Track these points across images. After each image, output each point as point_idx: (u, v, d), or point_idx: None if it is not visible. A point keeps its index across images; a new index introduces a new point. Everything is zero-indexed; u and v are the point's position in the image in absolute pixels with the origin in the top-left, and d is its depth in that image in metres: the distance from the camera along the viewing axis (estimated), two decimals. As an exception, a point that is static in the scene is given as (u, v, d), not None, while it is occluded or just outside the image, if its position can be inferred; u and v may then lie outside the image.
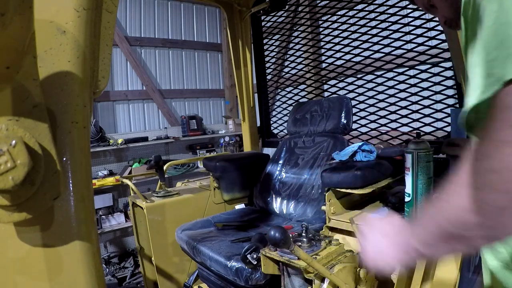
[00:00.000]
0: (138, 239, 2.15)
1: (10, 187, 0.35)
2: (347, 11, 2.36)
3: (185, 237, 1.73)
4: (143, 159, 4.18)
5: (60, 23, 0.47)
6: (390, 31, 2.15)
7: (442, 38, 1.83)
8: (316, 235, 1.15)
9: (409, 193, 1.11)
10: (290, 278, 1.11)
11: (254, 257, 1.28)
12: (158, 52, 4.60)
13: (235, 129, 4.88)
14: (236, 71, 2.63)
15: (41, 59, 0.44)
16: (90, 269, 0.47)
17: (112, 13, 0.59)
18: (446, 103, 1.95)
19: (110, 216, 3.82)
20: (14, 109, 0.39)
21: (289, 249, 0.94)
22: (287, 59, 3.04)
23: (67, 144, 0.46)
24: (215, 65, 5.21)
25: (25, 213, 0.40)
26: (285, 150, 2.14)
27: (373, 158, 1.49)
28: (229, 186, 2.20)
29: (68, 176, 0.45)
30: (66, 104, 0.46)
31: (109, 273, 3.67)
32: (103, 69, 0.58)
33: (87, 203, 0.47)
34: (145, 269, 2.18)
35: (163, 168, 2.22)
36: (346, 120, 1.89)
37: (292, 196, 1.94)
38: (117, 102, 4.30)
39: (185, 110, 4.89)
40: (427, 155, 1.08)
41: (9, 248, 0.44)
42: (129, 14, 4.33)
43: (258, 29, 2.75)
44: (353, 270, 1.06)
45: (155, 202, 1.97)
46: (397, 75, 2.16)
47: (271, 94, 3.10)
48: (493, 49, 0.39)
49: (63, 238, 0.45)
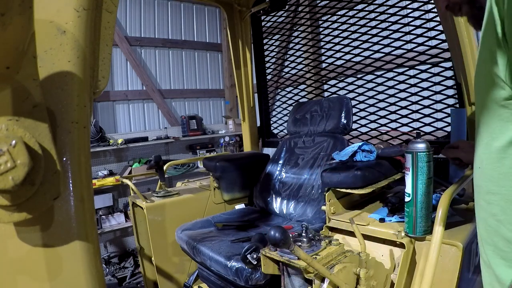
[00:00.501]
0: (138, 239, 2.15)
1: (10, 187, 0.35)
2: (347, 11, 2.36)
3: (185, 237, 1.73)
4: (143, 159, 4.18)
5: (60, 23, 0.47)
6: (390, 31, 2.15)
7: (442, 38, 1.83)
8: (316, 235, 1.15)
9: (409, 193, 1.11)
10: (290, 278, 1.11)
11: (254, 257, 1.28)
12: (158, 52, 4.60)
13: (235, 129, 4.88)
14: (236, 71, 2.64)
15: (41, 59, 0.44)
16: (90, 269, 0.47)
17: (112, 13, 0.59)
18: (446, 103, 1.95)
19: (110, 216, 3.82)
20: (14, 109, 0.39)
21: (289, 249, 0.94)
22: (287, 59, 3.04)
23: (67, 144, 0.46)
24: (215, 65, 5.21)
25: (25, 213, 0.40)
26: (285, 150, 2.14)
27: (373, 158, 1.49)
28: (229, 186, 2.20)
29: (68, 176, 0.45)
30: (66, 104, 0.46)
31: (109, 273, 3.67)
32: (103, 69, 0.58)
33: (87, 203, 0.47)
34: (145, 269, 2.18)
35: (163, 168, 2.22)
36: (346, 120, 1.89)
37: (292, 196, 1.94)
38: (117, 102, 4.30)
39: (185, 110, 4.89)
40: (427, 155, 1.08)
41: (9, 248, 0.44)
42: (129, 14, 4.33)
43: (258, 29, 2.75)
44: (353, 270, 1.06)
45: (155, 202, 1.97)
46: (397, 75, 2.16)
47: (271, 94, 3.10)
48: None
49: (63, 238, 0.45)
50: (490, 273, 0.57)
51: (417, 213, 1.10)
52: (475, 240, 1.15)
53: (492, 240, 0.56)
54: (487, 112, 0.54)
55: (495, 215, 0.54)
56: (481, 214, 0.59)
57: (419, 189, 1.09)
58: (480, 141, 0.59)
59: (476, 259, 1.19)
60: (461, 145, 1.31)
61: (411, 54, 2.08)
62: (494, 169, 0.54)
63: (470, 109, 1.65)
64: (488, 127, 0.55)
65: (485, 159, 0.56)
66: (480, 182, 0.59)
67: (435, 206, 1.06)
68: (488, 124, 0.55)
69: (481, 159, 0.58)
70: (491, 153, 0.54)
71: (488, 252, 0.57)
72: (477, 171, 0.60)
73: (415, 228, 1.11)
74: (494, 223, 0.55)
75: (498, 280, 0.54)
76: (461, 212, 1.32)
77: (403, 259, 1.09)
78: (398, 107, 2.18)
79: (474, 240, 1.15)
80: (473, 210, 1.30)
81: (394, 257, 1.19)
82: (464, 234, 1.12)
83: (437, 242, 0.94)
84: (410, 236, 1.13)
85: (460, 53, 1.58)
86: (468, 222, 1.21)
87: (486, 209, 0.57)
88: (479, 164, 0.59)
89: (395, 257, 1.19)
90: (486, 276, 0.59)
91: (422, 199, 1.09)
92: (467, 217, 1.25)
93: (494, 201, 0.54)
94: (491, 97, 0.52)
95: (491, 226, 0.56)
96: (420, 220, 1.10)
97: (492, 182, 0.55)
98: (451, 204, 1.03)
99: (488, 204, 0.56)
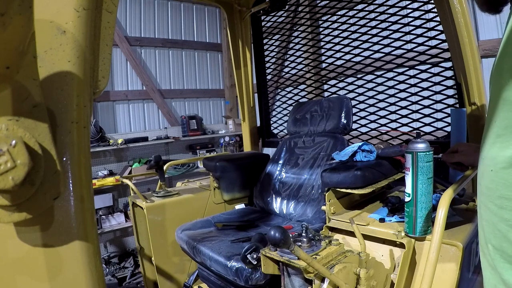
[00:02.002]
0: (138, 239, 2.15)
1: (10, 187, 0.35)
2: (347, 11, 2.35)
3: (185, 237, 1.73)
4: (143, 159, 4.18)
5: (60, 23, 0.47)
6: (390, 31, 2.15)
7: (442, 38, 1.83)
8: (316, 235, 1.15)
9: (409, 193, 1.11)
10: (290, 278, 1.11)
11: (254, 257, 1.28)
12: (158, 52, 4.60)
13: (235, 129, 4.88)
14: (236, 71, 2.64)
15: (41, 59, 0.44)
16: (90, 269, 0.47)
17: (112, 13, 0.59)
18: (446, 103, 1.95)
19: (110, 216, 3.82)
20: (14, 109, 0.39)
21: (289, 249, 0.94)
22: (287, 59, 3.04)
23: (67, 144, 0.46)
24: (215, 65, 5.21)
25: (25, 213, 0.40)
26: (285, 150, 2.14)
27: (373, 158, 1.49)
28: (229, 186, 2.20)
29: (68, 176, 0.45)
30: (66, 104, 0.46)
31: (109, 273, 3.67)
32: (103, 69, 0.58)
33: (87, 203, 0.47)
34: (145, 269, 2.18)
35: (163, 168, 2.22)
36: (346, 120, 1.89)
37: (292, 196, 1.94)
38: (117, 102, 4.30)
39: (185, 110, 4.89)
40: (427, 155, 1.08)
41: (9, 248, 0.44)
42: (129, 14, 4.33)
43: (258, 29, 2.75)
44: (353, 270, 1.06)
45: (155, 202, 1.97)
46: (397, 75, 2.16)
47: (271, 94, 3.10)
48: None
49: (63, 238, 0.45)
50: (495, 275, 0.56)
51: (417, 213, 1.10)
52: (475, 240, 1.15)
53: (500, 246, 0.54)
54: (509, 110, 0.51)
55: (507, 221, 0.53)
56: (489, 217, 0.57)
57: (419, 189, 1.09)
58: (494, 142, 0.55)
59: (476, 259, 1.19)
60: (460, 149, 1.30)
61: (411, 54, 2.08)
62: (510, 173, 0.52)
63: (470, 109, 1.65)
64: (506, 128, 0.52)
65: (500, 162, 0.53)
66: (492, 185, 0.56)
67: (435, 206, 1.06)
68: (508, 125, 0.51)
69: (496, 162, 0.55)
70: (509, 157, 0.52)
71: (495, 257, 0.55)
72: (488, 173, 0.57)
73: (415, 228, 1.11)
74: (505, 228, 0.53)
75: (505, 283, 0.54)
76: (461, 212, 1.32)
77: (403, 259, 1.09)
78: (398, 107, 2.18)
79: (474, 240, 1.15)
80: (473, 210, 1.31)
81: (394, 257, 1.19)
82: (464, 234, 1.12)
83: (437, 242, 0.94)
84: (410, 236, 1.13)
85: (460, 53, 1.58)
86: (468, 222, 1.21)
87: (496, 213, 0.55)
88: (492, 166, 0.56)
89: (395, 257, 1.19)
90: (490, 277, 0.58)
91: (422, 199, 1.09)
92: (467, 217, 1.25)
93: (508, 206, 0.52)
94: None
95: (500, 231, 0.54)
96: (420, 220, 1.10)
97: (507, 187, 0.52)
98: (451, 204, 1.03)
99: (500, 209, 0.54)
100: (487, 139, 0.58)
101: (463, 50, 1.56)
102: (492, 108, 0.56)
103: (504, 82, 0.52)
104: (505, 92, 0.52)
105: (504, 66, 0.53)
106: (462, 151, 1.28)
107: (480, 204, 0.61)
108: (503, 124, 0.53)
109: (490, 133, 0.57)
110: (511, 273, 0.53)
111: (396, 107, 2.19)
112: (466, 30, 1.53)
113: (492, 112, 0.56)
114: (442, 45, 1.89)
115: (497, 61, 0.56)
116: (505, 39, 0.53)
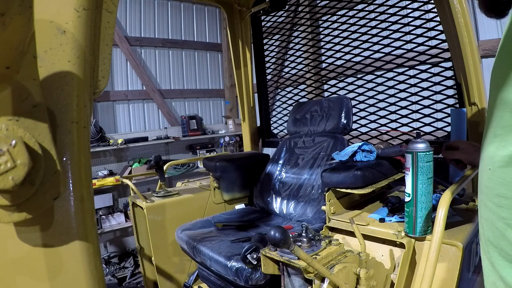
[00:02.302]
0: (138, 239, 2.15)
1: (10, 187, 0.35)
2: (347, 11, 2.35)
3: (185, 237, 1.73)
4: (143, 159, 4.18)
5: (60, 23, 0.47)
6: (390, 31, 2.15)
7: (442, 38, 1.83)
8: (316, 235, 1.15)
9: (409, 193, 1.11)
10: (290, 278, 1.11)
11: (254, 257, 1.28)
12: (158, 52, 4.61)
13: (235, 129, 4.88)
14: (236, 71, 2.63)
15: (41, 59, 0.44)
16: (90, 269, 0.47)
17: (112, 13, 0.59)
18: (446, 103, 1.95)
19: (110, 216, 3.82)
20: (14, 109, 0.39)
21: (289, 249, 0.94)
22: (287, 59, 3.03)
23: (67, 144, 0.46)
24: (215, 65, 5.21)
25: (25, 213, 0.40)
26: (285, 150, 2.14)
27: (373, 158, 1.49)
28: (229, 186, 2.20)
29: (68, 176, 0.45)
30: (66, 104, 0.46)
31: (109, 273, 3.67)
32: (103, 69, 0.58)
33: (87, 203, 0.47)
34: (145, 269, 2.18)
35: (163, 168, 2.22)
36: (346, 120, 1.89)
37: (292, 196, 1.94)
38: (117, 102, 4.30)
39: (185, 110, 4.89)
40: (427, 155, 1.08)
41: (9, 248, 0.44)
42: (129, 14, 4.33)
43: (258, 29, 2.75)
44: (353, 270, 1.06)
45: (155, 202, 1.97)
46: (397, 75, 2.15)
47: (271, 94, 3.10)
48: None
49: (63, 238, 0.45)
50: (494, 273, 0.57)
51: (417, 213, 1.10)
52: (475, 240, 1.15)
53: (498, 244, 0.55)
54: (506, 110, 0.52)
55: (505, 219, 0.54)
56: (487, 215, 0.58)
57: (419, 189, 1.09)
58: (492, 141, 0.56)
59: (476, 259, 1.19)
60: (461, 146, 1.30)
61: (411, 54, 2.08)
62: (507, 172, 0.52)
63: (470, 109, 1.65)
64: (503, 128, 0.53)
65: (498, 161, 0.54)
66: (490, 183, 0.57)
67: (435, 206, 1.06)
68: (505, 125, 0.52)
69: (493, 161, 0.56)
70: (506, 156, 0.52)
71: (493, 254, 0.56)
72: (486, 172, 0.58)
73: (415, 228, 1.11)
74: (503, 227, 0.54)
75: (503, 281, 0.54)
76: (461, 212, 1.32)
77: (403, 259, 1.09)
78: (398, 107, 2.18)
79: (474, 240, 1.15)
80: (473, 210, 1.31)
81: (394, 257, 1.19)
82: (464, 234, 1.12)
83: (437, 242, 0.94)
84: (410, 236, 1.13)
85: (460, 53, 1.58)
86: (468, 222, 1.21)
87: (495, 212, 0.56)
88: (490, 165, 0.57)
89: (395, 257, 1.19)
90: (489, 274, 0.59)
91: (422, 199, 1.09)
92: (467, 217, 1.25)
93: (505, 205, 0.53)
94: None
95: (498, 230, 0.55)
96: (420, 220, 1.10)
97: (504, 186, 0.53)
98: (451, 204, 1.03)
99: (498, 207, 0.55)
100: (486, 139, 0.58)
101: (463, 50, 1.56)
102: (491, 108, 0.57)
103: (501, 82, 0.52)
104: (502, 92, 0.52)
105: (501, 66, 0.54)
106: (463, 148, 1.28)
107: (479, 202, 0.62)
108: (500, 124, 0.54)
109: (488, 132, 0.57)
110: (508, 270, 0.53)
111: (396, 107, 2.19)
112: (466, 30, 1.53)
113: (490, 112, 0.57)
114: (442, 45, 1.88)
115: (495, 62, 0.56)
116: (503, 39, 0.54)
